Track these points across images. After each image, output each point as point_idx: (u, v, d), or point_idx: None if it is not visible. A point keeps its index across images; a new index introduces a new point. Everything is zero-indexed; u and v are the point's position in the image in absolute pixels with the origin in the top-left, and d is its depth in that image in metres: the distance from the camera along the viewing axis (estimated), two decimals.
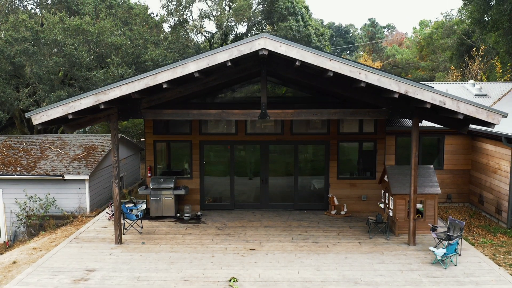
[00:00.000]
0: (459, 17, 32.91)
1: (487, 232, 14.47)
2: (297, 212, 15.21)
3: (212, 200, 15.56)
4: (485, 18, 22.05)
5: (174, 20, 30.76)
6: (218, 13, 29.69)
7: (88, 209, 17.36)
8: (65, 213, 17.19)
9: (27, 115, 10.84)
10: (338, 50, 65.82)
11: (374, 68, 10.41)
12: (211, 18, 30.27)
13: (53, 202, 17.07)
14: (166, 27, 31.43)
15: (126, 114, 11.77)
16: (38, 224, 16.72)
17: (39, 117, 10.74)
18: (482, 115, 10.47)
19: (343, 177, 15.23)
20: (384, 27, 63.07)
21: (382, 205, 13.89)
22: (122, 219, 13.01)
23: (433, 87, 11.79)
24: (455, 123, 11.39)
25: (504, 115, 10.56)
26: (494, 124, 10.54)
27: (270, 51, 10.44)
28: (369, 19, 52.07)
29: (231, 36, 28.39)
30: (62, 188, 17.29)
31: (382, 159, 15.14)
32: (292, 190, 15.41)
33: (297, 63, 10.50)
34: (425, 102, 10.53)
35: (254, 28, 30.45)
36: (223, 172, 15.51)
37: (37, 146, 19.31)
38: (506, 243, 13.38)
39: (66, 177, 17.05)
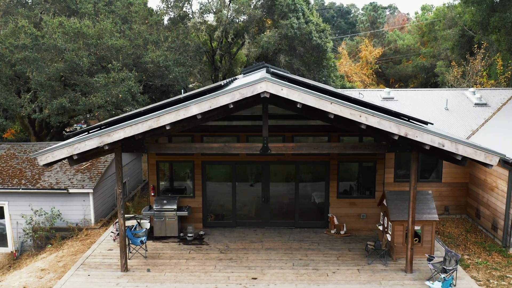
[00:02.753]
0: (461, 8, 32.50)
1: (482, 250, 14.84)
2: (297, 230, 15.56)
3: (214, 218, 15.89)
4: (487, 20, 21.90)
5: (174, 13, 30.48)
6: (219, 5, 29.35)
7: (93, 221, 17.72)
8: (70, 225, 17.56)
9: (32, 155, 11.02)
10: (339, 31, 65.20)
11: (374, 111, 10.54)
12: (212, 11, 29.96)
13: (59, 215, 17.41)
14: (166, 19, 31.17)
15: (130, 148, 11.94)
16: (45, 236, 17.10)
17: (44, 158, 10.94)
18: (480, 157, 10.67)
19: (343, 196, 15.52)
20: (386, 8, 62.31)
21: (380, 227, 14.23)
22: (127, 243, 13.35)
23: (433, 124, 11.95)
24: (454, 159, 11.57)
25: (502, 156, 10.76)
26: (492, 165, 10.75)
27: (271, 94, 10.59)
28: (370, 3, 51.46)
29: (231, 33, 28.17)
30: (67, 201, 17.61)
31: (382, 179, 15.39)
32: (293, 208, 15.71)
33: (298, 105, 10.66)
34: (424, 144, 10.71)
35: (254, 21, 30.06)
36: (225, 190, 15.77)
37: None
38: (501, 264, 13.77)
39: (71, 190, 17.34)
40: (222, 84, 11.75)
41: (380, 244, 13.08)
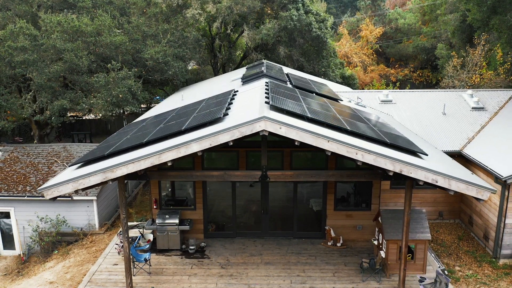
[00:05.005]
0: None
1: (474, 261, 15.42)
2: (295, 241, 16.10)
3: (215, 228, 16.39)
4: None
5: (172, 1, 30.08)
6: None
7: (97, 226, 18.27)
8: (75, 230, 18.11)
9: (38, 189, 11.38)
10: (340, 4, 64.27)
11: (370, 149, 10.82)
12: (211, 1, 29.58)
13: (64, 221, 17.92)
14: (163, 6, 30.79)
15: (133, 176, 12.27)
16: (51, 242, 17.65)
17: (50, 193, 11.30)
18: (472, 192, 11.04)
19: (339, 209, 15.97)
20: None
21: (376, 242, 14.75)
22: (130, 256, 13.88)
23: (427, 155, 12.23)
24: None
25: (493, 192, 11.12)
26: (483, 200, 11.13)
27: (270, 132, 10.86)
28: None
29: (230, 24, 27.95)
30: (71, 207, 18.09)
31: (378, 192, 15.80)
32: (292, 219, 16.20)
33: (296, 143, 10.95)
34: (418, 180, 11.05)
35: (253, 12, 29.63)
36: (225, 193, 16.21)
37: (44, 159, 19.87)
38: (490, 278, 14.37)
39: (75, 197, 17.79)
40: (221, 116, 11.91)
41: (374, 262, 13.62)
